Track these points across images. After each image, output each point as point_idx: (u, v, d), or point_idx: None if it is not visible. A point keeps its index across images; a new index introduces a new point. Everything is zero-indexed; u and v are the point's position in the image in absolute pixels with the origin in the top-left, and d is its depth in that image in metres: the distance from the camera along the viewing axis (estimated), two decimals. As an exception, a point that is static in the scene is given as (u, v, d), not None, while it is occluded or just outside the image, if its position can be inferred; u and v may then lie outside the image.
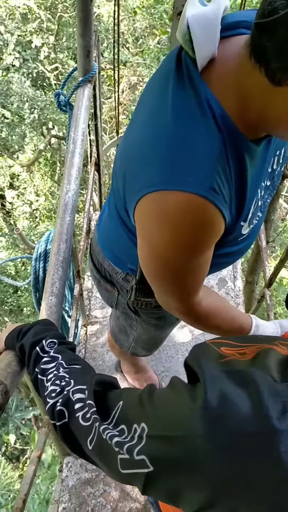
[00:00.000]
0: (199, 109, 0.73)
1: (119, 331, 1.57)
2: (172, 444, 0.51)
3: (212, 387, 0.50)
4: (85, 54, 1.70)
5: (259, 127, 0.77)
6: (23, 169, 8.54)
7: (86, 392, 0.68)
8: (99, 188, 2.65)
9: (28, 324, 0.96)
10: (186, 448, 0.49)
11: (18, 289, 7.34)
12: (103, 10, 6.63)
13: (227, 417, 0.47)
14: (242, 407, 0.46)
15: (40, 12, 6.64)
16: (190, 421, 0.49)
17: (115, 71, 2.42)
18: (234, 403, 0.47)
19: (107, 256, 1.22)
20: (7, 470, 5.87)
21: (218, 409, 0.48)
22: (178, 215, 0.75)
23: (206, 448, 0.47)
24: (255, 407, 0.46)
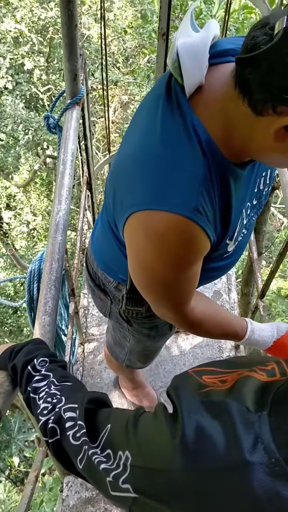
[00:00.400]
0: (185, 134, 0.76)
1: (114, 343, 1.59)
2: (153, 477, 0.53)
3: (189, 421, 0.51)
4: (72, 78, 1.74)
5: (243, 153, 0.81)
6: (19, 189, 8.59)
7: (77, 411, 0.70)
8: (92, 206, 2.68)
9: (20, 344, 0.97)
10: (166, 481, 0.51)
11: (18, 309, 7.33)
12: (93, 32, 6.75)
13: (203, 453, 0.48)
14: (216, 442, 0.48)
15: (31, 35, 6.75)
16: (170, 456, 0.51)
17: (104, 91, 2.47)
18: (209, 438, 0.49)
19: (100, 266, 1.25)
20: (12, 493, 5.79)
21: (194, 445, 0.49)
22: (164, 234, 0.78)
23: (184, 482, 0.49)
24: (229, 441, 0.47)
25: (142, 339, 1.42)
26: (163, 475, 0.51)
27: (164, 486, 0.51)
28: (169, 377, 2.28)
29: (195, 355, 2.37)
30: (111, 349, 1.67)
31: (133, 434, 0.59)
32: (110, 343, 1.64)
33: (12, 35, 6.75)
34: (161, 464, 0.52)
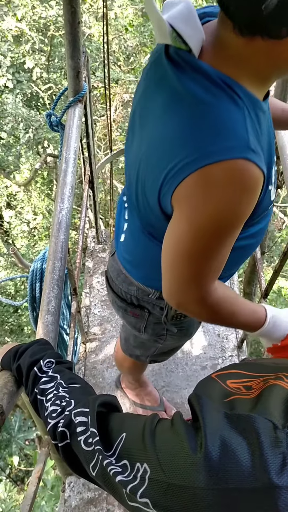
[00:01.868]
0: (214, 86, 0.77)
1: (137, 347, 1.58)
2: (173, 493, 0.51)
3: (213, 436, 0.50)
4: (75, 75, 1.73)
5: (267, 83, 0.83)
6: (20, 188, 8.58)
7: (89, 417, 0.68)
8: (94, 205, 2.67)
9: (24, 344, 0.96)
10: (190, 498, 0.49)
11: (18, 308, 7.32)
12: (94, 30, 6.73)
13: (228, 471, 0.47)
14: (242, 461, 0.46)
15: (32, 34, 6.73)
16: (192, 473, 0.49)
17: (106, 90, 2.46)
18: (234, 456, 0.47)
19: (137, 279, 1.22)
20: (13, 492, 5.79)
21: (219, 462, 0.48)
22: (225, 182, 0.77)
23: (207, 501, 0.47)
24: (255, 461, 0.46)
25: (177, 338, 1.42)
26: (186, 491, 0.49)
27: (186, 503, 0.49)
28: (171, 376, 2.27)
29: (198, 355, 2.36)
30: (131, 352, 1.65)
31: (151, 445, 0.56)
32: (130, 347, 1.63)
33: (13, 33, 6.73)
34: (183, 480, 0.50)
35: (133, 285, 1.24)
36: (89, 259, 2.83)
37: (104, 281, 2.70)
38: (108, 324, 2.54)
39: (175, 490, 0.51)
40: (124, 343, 1.68)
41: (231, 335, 2.45)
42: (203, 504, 0.47)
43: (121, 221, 1.24)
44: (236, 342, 2.41)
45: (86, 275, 2.77)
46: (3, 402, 0.86)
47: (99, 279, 2.74)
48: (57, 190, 1.54)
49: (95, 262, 2.81)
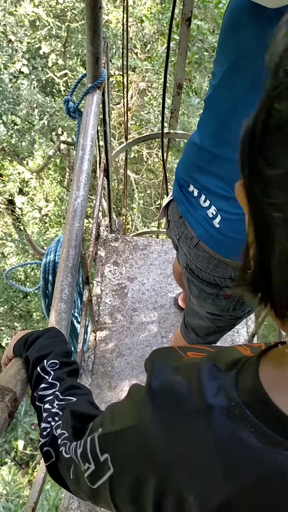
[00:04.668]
0: None
1: (211, 334, 1.63)
2: (124, 437, 0.53)
3: (157, 376, 0.53)
4: (94, 61, 1.70)
5: None
6: (32, 175, 8.58)
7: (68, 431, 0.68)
8: (108, 194, 2.65)
9: (35, 332, 0.95)
10: (137, 436, 0.51)
11: (28, 294, 7.36)
12: (111, 17, 6.66)
13: (169, 400, 0.49)
14: (182, 390, 0.49)
15: (49, 19, 6.68)
16: (138, 410, 0.52)
17: (124, 77, 2.43)
18: (175, 387, 0.50)
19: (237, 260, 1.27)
20: (17, 476, 5.86)
21: (161, 394, 0.50)
22: None
23: (152, 431, 0.49)
24: (193, 388, 0.48)
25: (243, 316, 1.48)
26: (135, 430, 0.51)
27: (136, 441, 0.51)
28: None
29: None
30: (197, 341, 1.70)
31: (109, 412, 0.59)
32: (200, 336, 1.67)
33: (30, 18, 6.69)
34: (131, 421, 0.52)
35: (229, 266, 1.26)
36: (102, 248, 2.82)
37: (116, 270, 2.69)
38: (119, 314, 2.54)
39: (125, 434, 0.53)
40: (191, 334, 1.70)
41: (242, 329, 2.43)
42: (150, 436, 0.48)
43: (196, 211, 1.26)
44: (247, 336, 2.40)
45: (98, 264, 2.76)
46: (16, 389, 0.86)
47: (111, 268, 2.73)
48: (73, 178, 1.52)
49: (107, 251, 2.80)
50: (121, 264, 2.75)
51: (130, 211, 7.63)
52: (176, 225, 1.43)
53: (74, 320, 2.00)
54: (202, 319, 1.56)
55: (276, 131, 0.35)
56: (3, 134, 6.93)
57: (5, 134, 6.99)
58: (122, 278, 2.70)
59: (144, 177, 7.76)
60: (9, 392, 0.83)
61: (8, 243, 8.18)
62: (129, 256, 2.78)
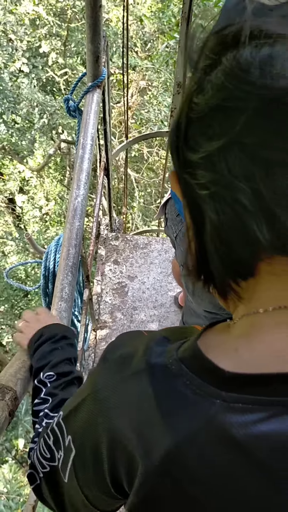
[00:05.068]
0: None
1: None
2: (80, 408, 0.54)
3: (111, 350, 0.56)
4: (94, 60, 1.70)
5: None
6: (33, 174, 8.58)
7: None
8: (108, 193, 2.66)
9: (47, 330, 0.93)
10: (89, 403, 0.53)
11: (28, 293, 7.36)
12: (112, 15, 6.65)
13: (116, 363, 0.52)
14: (130, 354, 0.51)
15: (49, 18, 6.68)
16: (90, 381, 0.55)
17: (124, 76, 2.43)
18: (124, 353, 0.52)
19: None
20: (18, 474, 5.87)
21: (111, 360, 0.54)
22: None
23: (101, 394, 0.51)
24: (140, 352, 0.50)
25: None
26: (86, 400, 0.53)
27: (87, 409, 0.53)
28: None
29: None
30: None
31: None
32: None
33: (30, 17, 6.68)
34: (85, 393, 0.54)
35: None
36: (102, 247, 2.82)
37: (116, 269, 2.70)
38: (119, 313, 2.54)
39: (80, 407, 0.54)
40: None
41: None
42: (100, 402, 0.51)
43: None
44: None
45: (98, 262, 2.77)
46: (16, 388, 0.86)
47: (111, 267, 2.73)
48: (73, 176, 1.53)
49: (108, 250, 2.80)
50: (121, 263, 2.75)
51: (130, 209, 7.63)
52: (174, 223, 1.43)
53: (75, 319, 2.00)
54: (200, 318, 1.56)
55: (196, 121, 0.40)
56: (4, 133, 6.93)
57: (6, 133, 6.99)
58: (123, 276, 2.70)
59: (144, 175, 7.75)
60: (10, 391, 0.83)
61: (9, 242, 8.19)
62: (130, 255, 2.79)
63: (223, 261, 0.43)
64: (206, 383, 0.42)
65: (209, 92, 0.38)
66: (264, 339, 0.42)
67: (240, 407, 0.39)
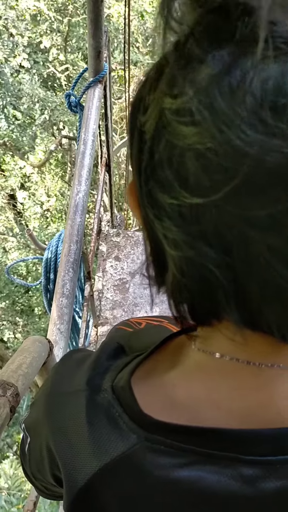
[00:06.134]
0: None
1: None
2: (33, 405, 0.56)
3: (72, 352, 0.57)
4: (96, 55, 1.70)
5: None
6: (34, 170, 8.57)
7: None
8: (110, 189, 2.65)
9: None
10: (37, 405, 0.54)
11: (29, 289, 7.37)
12: (113, 10, 6.62)
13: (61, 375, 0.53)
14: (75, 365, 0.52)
15: (50, 13, 6.65)
16: (49, 382, 0.54)
17: (125, 72, 2.42)
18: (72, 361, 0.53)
19: None
20: (19, 470, 5.90)
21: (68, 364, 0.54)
22: None
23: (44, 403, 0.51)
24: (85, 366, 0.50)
25: None
26: (37, 401, 0.54)
27: (36, 413, 0.54)
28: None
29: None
30: None
31: None
32: None
33: (31, 12, 6.66)
34: (44, 390, 0.54)
35: None
36: (103, 243, 2.82)
37: (117, 265, 2.70)
38: (120, 309, 2.54)
39: (36, 403, 0.55)
40: None
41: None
42: (43, 411, 0.51)
43: None
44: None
45: (99, 259, 2.76)
46: (18, 384, 0.86)
47: (113, 263, 2.73)
48: (75, 172, 1.52)
49: (109, 246, 2.80)
50: (122, 259, 2.75)
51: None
52: None
53: (76, 315, 2.00)
54: None
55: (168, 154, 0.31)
56: (5, 128, 6.91)
57: (7, 128, 6.98)
58: (124, 273, 2.70)
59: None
60: (11, 387, 0.83)
61: (10, 238, 8.19)
62: (131, 251, 2.78)
63: (181, 298, 0.39)
64: (132, 421, 0.42)
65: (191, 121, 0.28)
66: (207, 386, 0.41)
67: (161, 449, 0.39)
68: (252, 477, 0.36)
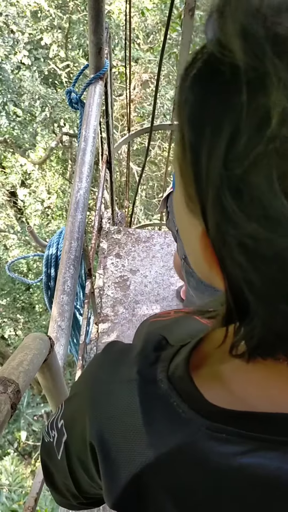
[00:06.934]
0: None
1: None
2: (73, 399, 0.56)
3: (114, 344, 0.56)
4: (97, 51, 1.69)
5: None
6: (35, 167, 8.56)
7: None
8: (111, 186, 2.65)
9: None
10: (80, 397, 0.53)
11: (30, 286, 7.37)
12: (114, 7, 6.60)
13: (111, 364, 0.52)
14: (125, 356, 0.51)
15: (50, 10, 6.63)
16: (88, 374, 0.55)
17: (126, 69, 2.41)
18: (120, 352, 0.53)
19: None
20: (20, 467, 5.91)
21: (109, 357, 0.53)
22: None
23: (90, 393, 0.51)
24: (133, 357, 0.49)
25: None
26: (80, 395, 0.54)
27: (77, 403, 0.54)
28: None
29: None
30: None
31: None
32: None
33: (31, 9, 6.64)
34: (82, 384, 0.55)
35: None
36: (104, 240, 2.82)
37: (118, 263, 2.70)
38: (121, 306, 2.54)
39: (73, 398, 0.56)
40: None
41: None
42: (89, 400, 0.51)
43: None
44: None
45: (100, 256, 2.76)
46: (19, 381, 0.86)
47: (113, 260, 2.73)
48: (75, 169, 1.52)
49: (110, 244, 2.80)
50: (123, 256, 2.75)
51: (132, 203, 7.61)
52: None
53: (77, 312, 2.00)
54: None
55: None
56: (5, 125, 6.90)
57: (7, 125, 6.97)
58: (125, 270, 2.69)
59: (146, 169, 7.73)
60: (12, 384, 0.83)
61: (11, 235, 8.19)
62: (132, 249, 2.78)
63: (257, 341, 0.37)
64: (192, 410, 0.42)
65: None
66: (262, 384, 0.41)
67: (223, 437, 0.39)
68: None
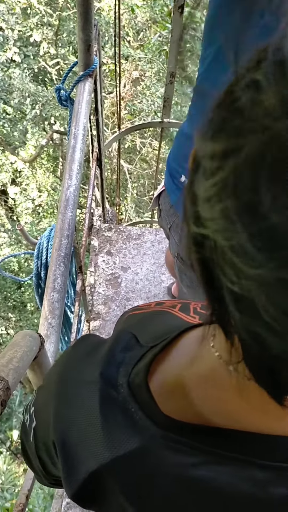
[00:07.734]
0: None
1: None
2: (40, 391, 0.58)
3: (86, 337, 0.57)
4: (86, 48, 1.69)
5: None
6: (25, 165, 8.52)
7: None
8: (101, 183, 2.64)
9: None
10: (45, 393, 0.55)
11: (22, 285, 7.35)
12: (103, 4, 6.58)
13: (75, 363, 0.53)
14: (95, 347, 0.52)
15: (40, 7, 6.59)
16: (58, 367, 0.56)
17: (116, 66, 2.41)
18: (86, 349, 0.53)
19: None
20: (12, 465, 5.89)
21: (79, 352, 0.54)
22: None
23: (54, 390, 0.53)
24: (98, 357, 0.50)
25: None
26: (45, 388, 0.56)
27: (43, 399, 0.55)
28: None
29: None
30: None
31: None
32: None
33: (21, 6, 6.60)
34: (53, 375, 0.55)
35: None
36: (95, 238, 2.81)
37: (109, 260, 2.69)
38: (112, 303, 2.54)
39: (44, 388, 0.57)
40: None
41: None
42: (52, 400, 0.52)
43: None
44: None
45: (91, 253, 2.76)
46: (8, 378, 0.85)
47: (104, 258, 2.73)
48: (65, 167, 1.52)
49: (101, 241, 2.80)
50: (114, 253, 2.75)
51: (123, 200, 7.60)
52: (168, 215, 1.43)
53: (68, 309, 2.00)
54: None
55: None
56: (-5, 123, 6.87)
57: (-3, 123, 6.93)
58: (116, 267, 2.70)
59: (137, 167, 7.72)
60: (1, 381, 0.83)
61: (1, 234, 8.14)
62: (123, 246, 2.78)
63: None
64: (148, 419, 0.42)
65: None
66: (221, 398, 0.40)
67: (177, 448, 0.40)
68: (263, 481, 0.37)
